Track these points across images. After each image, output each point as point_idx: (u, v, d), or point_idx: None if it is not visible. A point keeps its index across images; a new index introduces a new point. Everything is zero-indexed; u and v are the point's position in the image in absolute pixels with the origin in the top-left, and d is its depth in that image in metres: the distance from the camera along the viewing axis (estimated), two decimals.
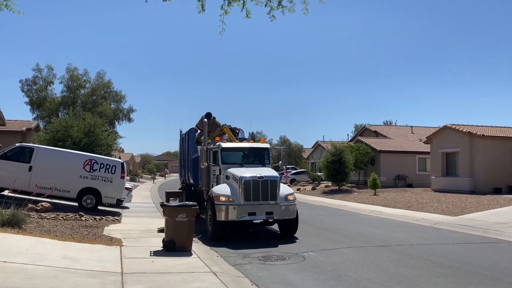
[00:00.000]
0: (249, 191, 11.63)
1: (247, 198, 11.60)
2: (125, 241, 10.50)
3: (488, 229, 13.45)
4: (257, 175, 11.80)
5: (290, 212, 12.01)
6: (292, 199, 12.19)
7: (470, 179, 25.09)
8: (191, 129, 16.30)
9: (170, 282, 6.97)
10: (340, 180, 31.96)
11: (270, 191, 11.78)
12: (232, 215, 11.50)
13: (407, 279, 7.67)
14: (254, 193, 11.67)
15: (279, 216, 11.84)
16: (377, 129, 43.81)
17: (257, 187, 11.70)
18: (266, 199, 11.74)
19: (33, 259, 7.53)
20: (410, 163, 34.60)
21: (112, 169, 16.82)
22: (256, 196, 11.68)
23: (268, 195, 11.76)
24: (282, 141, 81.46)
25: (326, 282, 7.52)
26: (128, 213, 17.64)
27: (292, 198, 12.23)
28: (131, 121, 47.72)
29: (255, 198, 11.66)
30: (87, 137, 24.19)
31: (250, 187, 11.65)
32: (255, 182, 11.70)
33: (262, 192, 11.72)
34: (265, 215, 11.71)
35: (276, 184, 11.92)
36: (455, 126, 26.75)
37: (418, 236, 12.84)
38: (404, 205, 20.85)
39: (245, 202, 11.57)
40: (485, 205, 18.42)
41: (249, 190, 11.63)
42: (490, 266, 8.83)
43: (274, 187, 11.86)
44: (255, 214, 11.66)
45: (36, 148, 16.79)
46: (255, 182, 11.70)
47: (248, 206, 11.58)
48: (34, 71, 44.11)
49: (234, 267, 8.64)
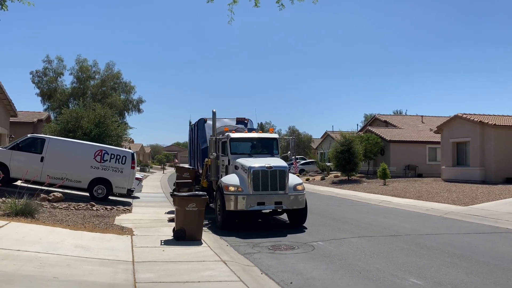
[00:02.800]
0: (258, 181, 11.69)
1: (256, 188, 11.67)
2: (136, 231, 10.62)
3: (499, 219, 13.36)
4: (266, 165, 11.85)
5: (299, 202, 12.06)
6: (301, 189, 12.22)
7: (481, 169, 24.87)
8: (200, 120, 16.32)
9: (180, 271, 7.05)
10: (350, 170, 31.86)
11: (279, 181, 11.81)
12: (241, 205, 11.57)
13: (416, 269, 7.67)
14: (263, 183, 11.72)
15: (288, 206, 11.91)
16: (387, 118, 43.49)
17: (266, 177, 11.74)
18: (275, 189, 11.79)
19: (46, 248, 7.66)
20: (420, 153, 34.37)
21: (123, 160, 16.96)
22: (265, 186, 11.74)
23: (277, 185, 11.80)
24: (291, 131, 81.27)
25: (336, 271, 7.55)
26: (139, 203, 17.81)
27: (301, 188, 12.25)
28: (141, 112, 48.09)
29: (264, 188, 11.72)
30: (98, 128, 24.34)
31: (259, 177, 11.70)
32: (264, 172, 11.75)
33: (271, 182, 11.77)
34: (274, 205, 11.79)
35: (285, 174, 11.94)
36: (466, 116, 26.45)
37: (428, 226, 12.80)
38: (414, 195, 20.76)
39: (254, 192, 11.64)
40: (496, 195, 18.27)
41: (258, 180, 11.69)
42: (500, 256, 8.79)
43: (283, 177, 11.89)
44: (264, 204, 11.75)
45: (47, 139, 16.96)
46: (264, 172, 11.75)
47: (257, 196, 11.66)
48: (45, 62, 44.47)
49: (243, 256, 8.71)
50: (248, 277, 6.92)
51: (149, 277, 6.57)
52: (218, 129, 14.15)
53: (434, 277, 7.15)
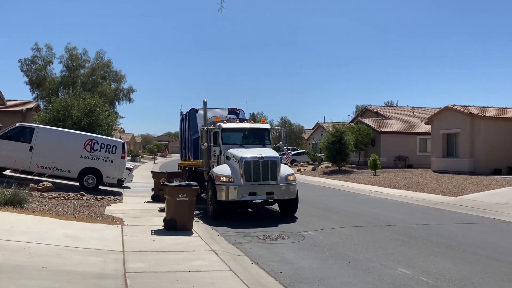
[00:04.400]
0: (250, 172, 11.71)
1: (248, 179, 11.68)
2: (126, 220, 10.59)
3: (487, 210, 13.54)
4: (258, 155, 11.86)
5: (290, 192, 12.10)
6: (292, 180, 12.26)
7: (470, 160, 25.12)
8: (192, 109, 16.18)
9: (171, 261, 7.05)
10: (340, 161, 32.04)
11: (270, 171, 11.84)
12: (232, 195, 11.59)
13: (405, 258, 7.75)
14: (255, 173, 11.74)
15: (279, 196, 11.94)
16: (378, 109, 43.64)
17: (258, 167, 11.76)
18: (266, 180, 11.81)
19: (35, 238, 7.61)
20: (411, 144, 34.60)
21: (113, 149, 16.85)
22: (256, 176, 11.75)
23: (269, 176, 11.83)
24: (282, 121, 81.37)
25: (325, 261, 7.61)
26: (129, 193, 17.75)
27: (292, 178, 12.29)
28: (131, 101, 47.59)
29: (255, 179, 11.74)
30: (88, 117, 24.15)
31: (250, 167, 11.72)
32: (255, 162, 11.76)
33: (263, 173, 11.79)
34: (266, 195, 11.81)
35: (277, 165, 11.98)
36: (456, 107, 26.62)
37: (417, 216, 12.93)
38: (403, 186, 20.94)
39: (246, 182, 11.66)
40: (485, 186, 18.49)
41: (249, 170, 11.70)
42: (487, 245, 8.92)
43: (275, 167, 11.92)
44: (256, 194, 11.77)
45: (36, 128, 16.78)
46: (256, 162, 11.76)
47: (248, 186, 11.68)
48: (33, 50, 43.73)
49: (234, 245, 8.73)
50: (238, 266, 6.94)
51: (140, 266, 6.56)
52: (210, 119, 14.06)
53: (422, 266, 7.24)
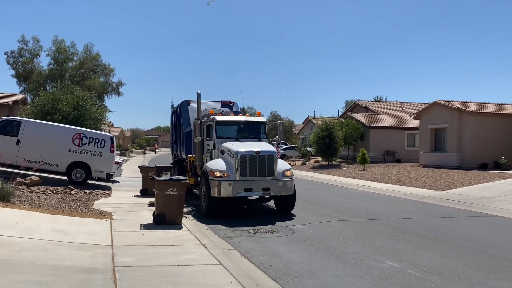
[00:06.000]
0: (245, 167, 11.23)
1: (243, 174, 11.22)
2: (115, 215, 10.53)
3: (473, 204, 13.73)
4: (254, 149, 11.38)
5: (287, 188, 11.68)
6: (290, 175, 11.86)
7: (457, 155, 25.41)
8: (183, 102, 15.60)
9: (160, 255, 7.04)
10: (330, 156, 32.20)
11: (267, 166, 11.39)
12: (227, 191, 11.11)
13: (393, 252, 7.84)
14: (251, 168, 11.27)
15: (276, 192, 11.52)
16: (367, 104, 43.90)
17: (254, 162, 11.29)
18: (263, 175, 11.36)
19: (23, 232, 7.53)
20: (399, 138, 34.89)
21: (102, 143, 16.73)
22: (252, 171, 11.28)
23: (265, 171, 11.38)
24: (273, 116, 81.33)
25: (314, 254, 7.65)
26: (118, 187, 17.65)
27: (290, 173, 11.89)
28: (120, 95, 47.39)
29: (251, 174, 11.28)
30: (76, 111, 23.91)
31: (246, 162, 11.24)
32: (251, 157, 11.29)
33: (259, 168, 11.33)
34: (262, 191, 11.38)
35: (274, 159, 11.53)
36: (444, 102, 26.86)
37: (405, 210, 13.06)
38: (392, 180, 21.12)
39: (241, 178, 11.18)
40: (471, 180, 18.73)
41: (245, 165, 11.23)
42: (473, 239, 9.06)
43: (271, 162, 11.47)
44: (252, 190, 11.32)
45: (23, 121, 16.57)
46: (252, 157, 11.29)
47: (244, 182, 11.22)
48: (20, 43, 43.19)
49: (224, 240, 8.74)
50: (228, 260, 6.96)
51: (128, 261, 6.54)
52: (203, 112, 13.56)
53: (410, 259, 7.33)
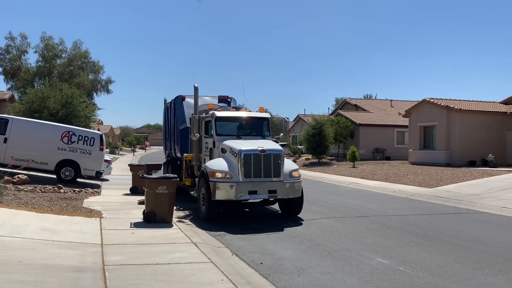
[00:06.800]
0: (250, 167, 10.24)
1: (247, 175, 10.21)
2: (105, 213, 10.46)
3: (462, 200, 13.89)
4: (258, 148, 10.41)
5: (295, 190, 10.68)
6: (297, 176, 10.86)
7: (446, 152, 25.66)
8: (178, 97, 14.38)
9: (150, 253, 7.01)
10: (320, 153, 32.35)
11: (273, 166, 10.40)
12: (229, 193, 10.10)
13: (383, 248, 7.90)
14: (255, 168, 10.27)
15: (283, 195, 10.50)
16: (357, 102, 44.09)
17: (259, 162, 10.30)
18: (268, 176, 10.35)
19: (11, 231, 7.45)
20: (389, 136, 35.13)
21: (91, 141, 16.59)
22: (257, 172, 10.28)
23: (271, 171, 10.38)
24: None
25: (305, 252, 7.68)
26: (108, 186, 17.53)
27: (297, 174, 10.89)
28: (110, 92, 46.97)
29: (256, 175, 10.27)
30: (65, 108, 23.68)
31: (250, 162, 10.25)
32: (256, 156, 10.30)
33: (264, 168, 10.33)
34: (267, 194, 10.36)
35: (280, 159, 10.52)
36: (433, 100, 27.10)
37: (395, 207, 13.17)
38: (381, 177, 21.27)
39: (245, 179, 10.18)
40: (460, 178, 18.94)
41: (249, 165, 10.23)
42: (461, 235, 9.17)
43: (278, 162, 10.46)
44: (256, 193, 10.30)
45: (11, 119, 16.36)
46: (257, 156, 10.30)
47: (248, 184, 10.20)
48: (7, 39, 42.60)
49: (214, 237, 8.73)
50: (218, 258, 6.95)
51: (118, 259, 6.51)
52: (200, 107, 12.56)
53: (399, 256, 7.39)
